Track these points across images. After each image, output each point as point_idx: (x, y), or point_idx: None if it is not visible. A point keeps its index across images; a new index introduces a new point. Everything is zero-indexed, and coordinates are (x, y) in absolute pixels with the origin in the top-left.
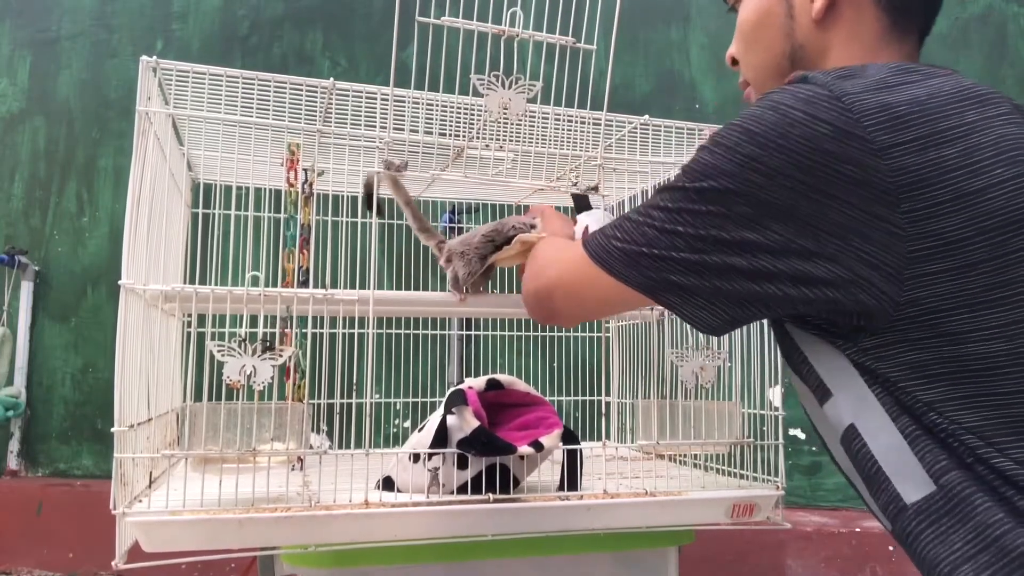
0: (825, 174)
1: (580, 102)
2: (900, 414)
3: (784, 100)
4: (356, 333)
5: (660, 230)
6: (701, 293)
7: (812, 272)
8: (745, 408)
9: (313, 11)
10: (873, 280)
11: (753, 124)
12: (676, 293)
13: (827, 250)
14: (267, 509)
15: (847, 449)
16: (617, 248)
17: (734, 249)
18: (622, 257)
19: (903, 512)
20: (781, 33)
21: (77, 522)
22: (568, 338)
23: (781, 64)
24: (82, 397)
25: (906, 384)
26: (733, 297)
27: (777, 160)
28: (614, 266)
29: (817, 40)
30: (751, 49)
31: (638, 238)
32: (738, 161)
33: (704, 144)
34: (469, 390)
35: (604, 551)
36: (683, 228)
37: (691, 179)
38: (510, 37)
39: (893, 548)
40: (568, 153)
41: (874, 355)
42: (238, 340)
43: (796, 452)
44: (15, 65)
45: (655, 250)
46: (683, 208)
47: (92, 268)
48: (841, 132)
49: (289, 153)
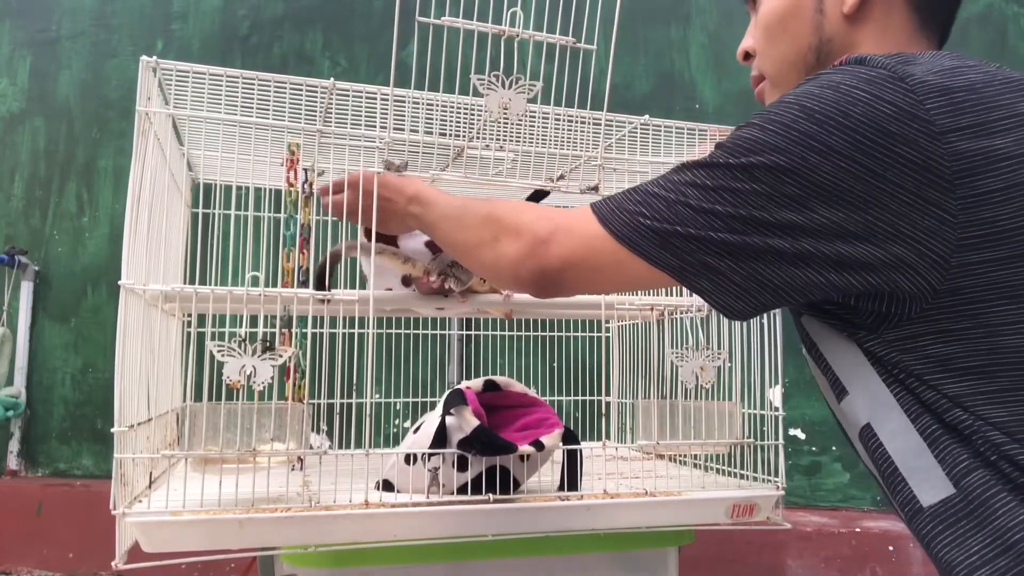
0: (883, 156)
1: (580, 102)
2: (920, 413)
3: (844, 80)
4: (356, 333)
5: (696, 209)
6: (736, 277)
7: (855, 257)
8: (745, 408)
9: (313, 11)
10: (917, 267)
11: (810, 102)
12: (709, 277)
13: (874, 236)
14: (267, 509)
15: (865, 446)
16: (646, 227)
17: (776, 231)
18: (652, 237)
19: (919, 514)
20: (810, 26)
21: (77, 522)
22: (568, 338)
23: (807, 57)
24: (82, 397)
25: (932, 378)
26: (769, 282)
27: (836, 139)
28: (643, 247)
29: (846, 35)
30: (775, 42)
31: (670, 216)
32: (793, 138)
33: (749, 122)
34: (467, 390)
35: (604, 551)
36: (723, 207)
37: (735, 155)
38: (510, 37)
39: (893, 548)
40: (568, 153)
41: (899, 347)
42: (238, 340)
43: (796, 452)
44: (15, 65)
45: (690, 229)
46: (724, 186)
47: (92, 268)
48: (904, 113)
49: (289, 153)
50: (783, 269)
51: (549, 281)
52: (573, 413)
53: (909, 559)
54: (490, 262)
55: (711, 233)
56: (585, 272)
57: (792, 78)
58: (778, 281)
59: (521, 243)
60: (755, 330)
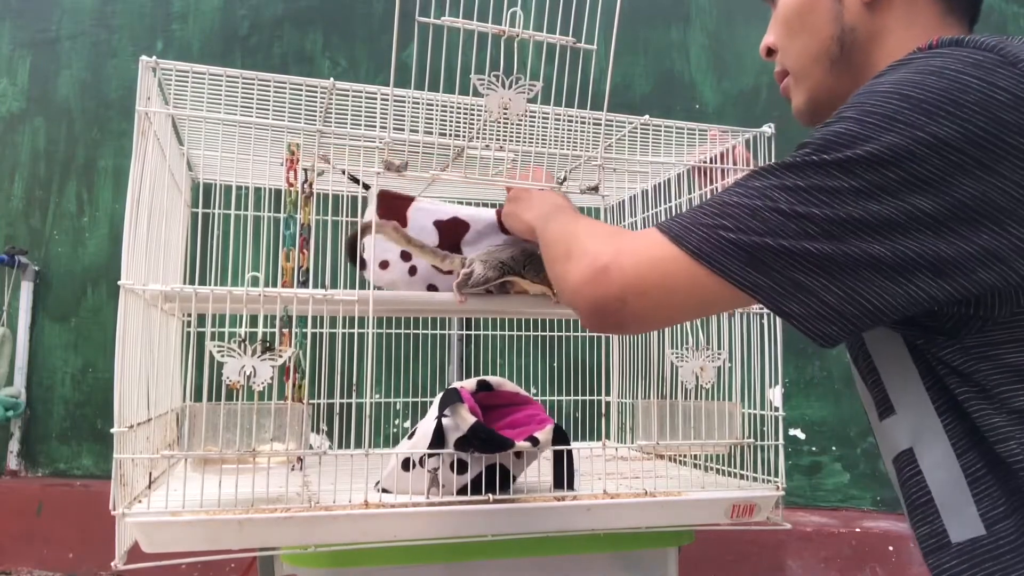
0: (996, 147)
1: (580, 102)
2: (967, 448)
3: (948, 65)
4: (356, 333)
5: (788, 214)
6: (829, 298)
7: (956, 260)
8: (745, 408)
9: (313, 11)
10: (1017, 268)
11: (914, 90)
12: (799, 299)
13: (979, 235)
14: (267, 509)
15: (898, 470)
16: (729, 241)
17: (875, 234)
18: (737, 252)
19: (945, 548)
20: (829, 16)
21: (77, 522)
22: (568, 338)
23: (830, 49)
24: (82, 397)
25: (1004, 390)
26: (867, 303)
27: (946, 130)
28: (726, 264)
29: (869, 22)
30: (795, 35)
31: (757, 226)
32: (897, 130)
33: (840, 116)
34: (462, 389)
35: (604, 551)
36: (819, 210)
37: (828, 151)
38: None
39: (893, 548)
40: (568, 153)
41: (977, 355)
42: (238, 340)
43: (796, 452)
44: (15, 65)
45: (781, 240)
46: (818, 185)
47: (92, 268)
48: (1019, 101)
49: (289, 153)
50: (881, 286)
51: (608, 313)
52: (573, 413)
53: (909, 559)
54: (556, 281)
55: (804, 243)
56: (653, 300)
57: (816, 71)
58: (877, 302)
59: (582, 267)
60: (755, 330)
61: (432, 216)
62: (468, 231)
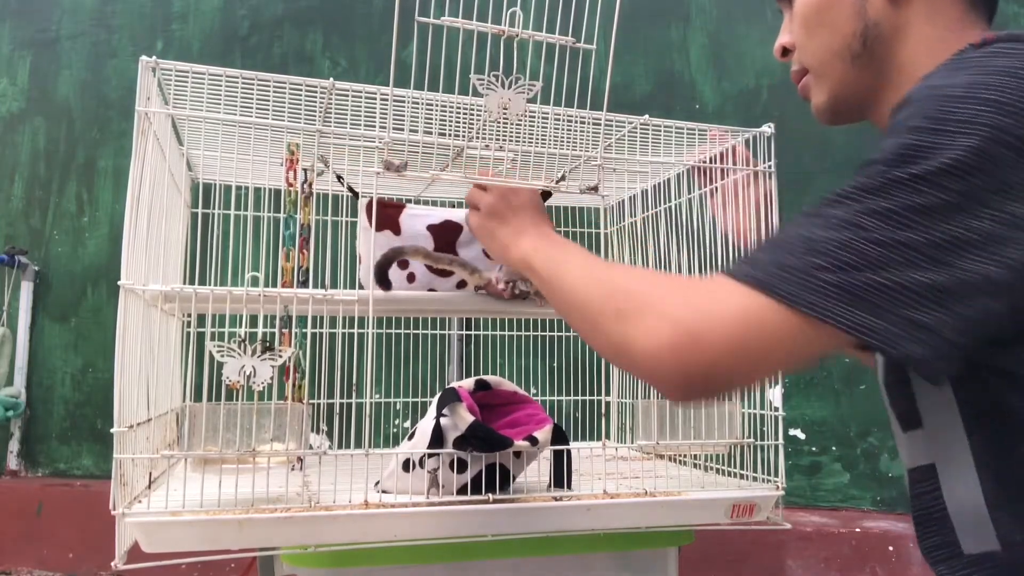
0: None
1: (580, 102)
2: (992, 476)
3: (1017, 64)
4: (356, 333)
5: (886, 243)
6: (947, 332)
7: None
8: (745, 408)
9: (313, 11)
10: None
11: (989, 92)
12: (918, 339)
13: None
14: (267, 509)
15: (912, 483)
16: (829, 283)
17: (982, 253)
18: (839, 294)
19: (956, 558)
20: (851, 12)
21: (77, 522)
22: (568, 338)
23: (852, 45)
24: (82, 397)
25: None
26: (983, 329)
27: None
28: (832, 310)
29: (892, 17)
30: (815, 33)
31: (855, 260)
32: (983, 135)
33: (908, 127)
34: (460, 388)
35: (604, 551)
36: (916, 234)
37: (905, 165)
38: (510, 37)
39: (893, 548)
40: (568, 153)
41: None
42: (238, 340)
43: (796, 452)
44: (15, 65)
45: (889, 274)
46: (908, 205)
47: (92, 268)
48: None
49: (289, 153)
50: (995, 309)
51: (702, 382)
52: (573, 413)
53: (909, 559)
54: (616, 344)
55: (913, 274)
56: (751, 361)
57: (838, 68)
58: (994, 327)
59: (660, 334)
60: None
61: (425, 221)
62: (461, 233)
